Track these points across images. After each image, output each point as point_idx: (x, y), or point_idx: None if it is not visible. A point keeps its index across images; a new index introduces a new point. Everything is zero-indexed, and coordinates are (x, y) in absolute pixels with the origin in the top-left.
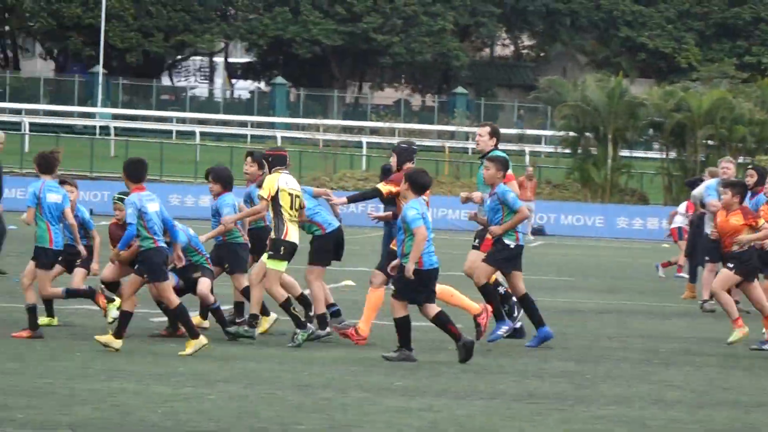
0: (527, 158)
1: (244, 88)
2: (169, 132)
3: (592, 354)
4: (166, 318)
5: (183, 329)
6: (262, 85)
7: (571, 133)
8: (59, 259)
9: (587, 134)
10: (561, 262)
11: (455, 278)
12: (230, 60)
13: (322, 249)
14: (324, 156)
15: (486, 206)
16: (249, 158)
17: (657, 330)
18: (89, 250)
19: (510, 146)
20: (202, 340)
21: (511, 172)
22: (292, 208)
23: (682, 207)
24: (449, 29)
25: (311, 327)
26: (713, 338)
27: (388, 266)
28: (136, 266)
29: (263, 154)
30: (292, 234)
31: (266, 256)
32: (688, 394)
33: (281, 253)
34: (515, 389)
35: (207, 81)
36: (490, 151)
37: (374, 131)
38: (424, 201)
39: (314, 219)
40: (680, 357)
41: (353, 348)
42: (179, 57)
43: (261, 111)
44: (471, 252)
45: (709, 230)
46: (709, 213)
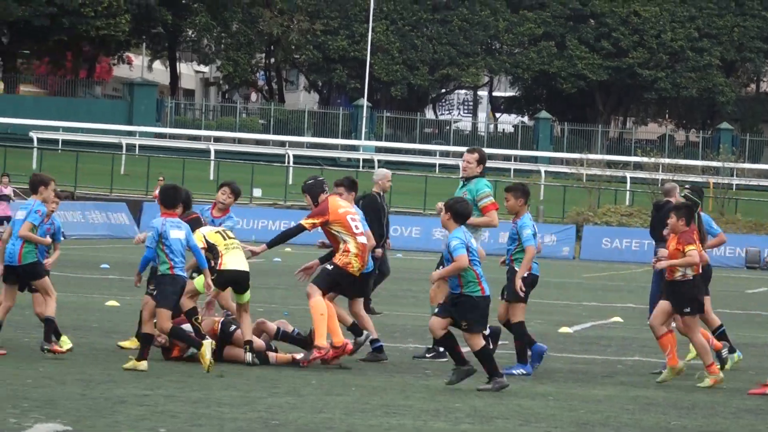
0: None
1: (508, 122)
2: (432, 165)
3: None
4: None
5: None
6: (526, 119)
7: None
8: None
9: None
10: None
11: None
12: (494, 94)
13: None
14: (588, 190)
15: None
16: (227, 188)
17: None
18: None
19: None
20: (207, 345)
21: (494, 201)
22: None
23: None
24: (715, 64)
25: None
26: None
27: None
28: (150, 287)
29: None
30: (227, 263)
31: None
32: None
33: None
34: None
35: (470, 114)
36: (474, 177)
37: (638, 166)
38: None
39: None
40: None
41: (627, 385)
42: (443, 90)
43: (524, 145)
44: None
45: None
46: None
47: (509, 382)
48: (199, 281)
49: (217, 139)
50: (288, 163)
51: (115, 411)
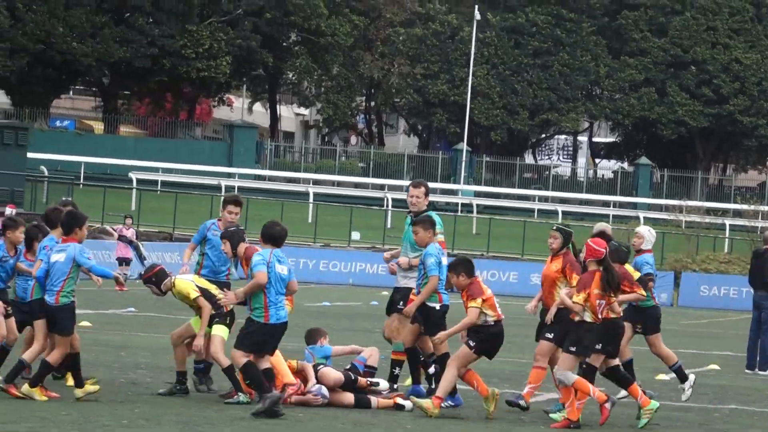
0: None
1: (608, 168)
2: (531, 210)
3: None
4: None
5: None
6: (626, 165)
7: None
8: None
9: None
10: None
11: None
12: (594, 139)
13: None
14: (687, 237)
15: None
16: (232, 206)
17: None
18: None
19: None
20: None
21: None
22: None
23: None
24: None
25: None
26: None
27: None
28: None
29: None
30: None
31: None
32: None
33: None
34: None
35: (570, 160)
36: (423, 211)
37: (738, 213)
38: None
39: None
40: None
41: None
42: (543, 135)
43: (624, 191)
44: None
45: None
46: None
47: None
48: (220, 329)
49: (316, 182)
50: (387, 207)
51: None
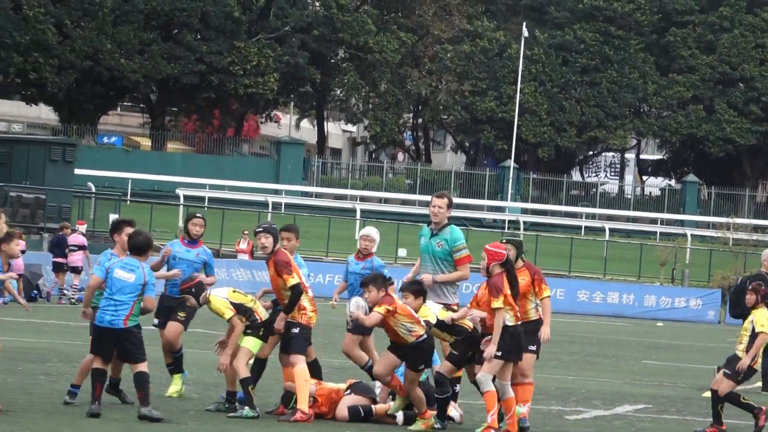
0: None
1: (655, 185)
2: (578, 228)
3: None
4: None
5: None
6: (673, 182)
7: None
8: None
9: None
10: None
11: None
12: (642, 156)
13: None
14: (734, 255)
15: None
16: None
17: None
18: None
19: None
20: None
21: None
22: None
23: None
24: None
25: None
26: None
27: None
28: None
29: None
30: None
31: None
32: None
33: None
34: None
35: (617, 177)
36: (446, 225)
37: None
38: None
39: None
40: None
41: None
42: (591, 152)
43: (671, 208)
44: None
45: None
46: None
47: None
48: (250, 341)
49: (363, 199)
50: None
51: None
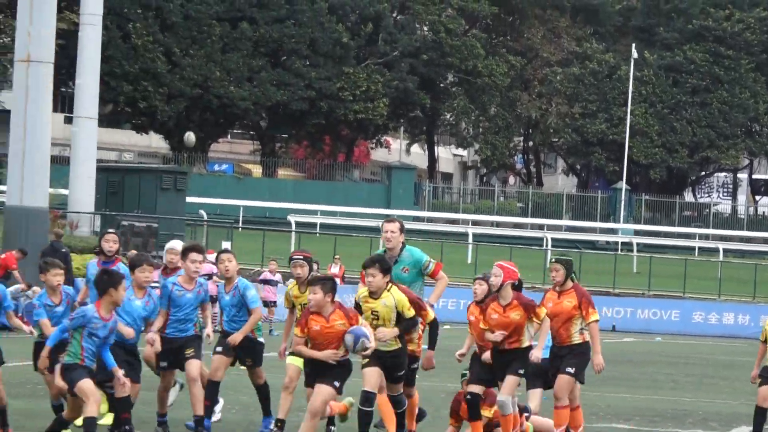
0: None
1: None
2: (692, 249)
3: None
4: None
5: None
6: None
7: None
8: None
9: None
10: None
11: None
12: (754, 176)
13: None
14: None
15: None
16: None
17: None
18: None
19: None
20: None
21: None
22: None
23: None
24: None
25: None
26: None
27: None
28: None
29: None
30: None
31: None
32: None
33: None
34: None
35: (730, 197)
36: (401, 248)
37: None
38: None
39: None
40: None
41: None
42: (703, 173)
43: None
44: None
45: None
46: None
47: None
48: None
49: (475, 223)
50: (546, 247)
51: None
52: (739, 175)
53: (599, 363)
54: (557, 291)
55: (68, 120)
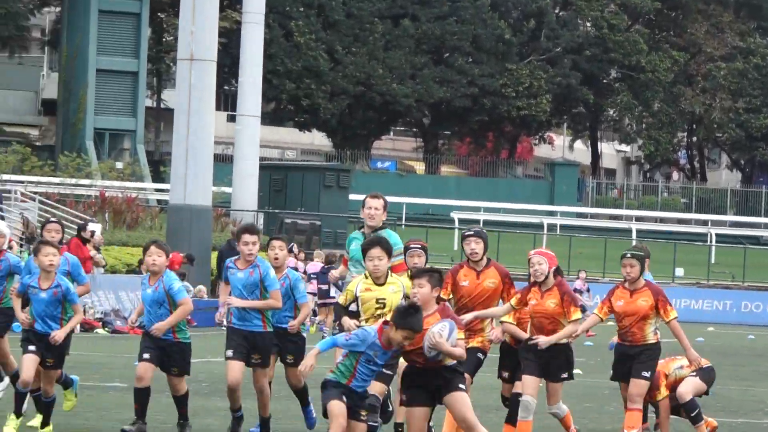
0: None
1: None
2: None
3: None
4: None
5: None
6: None
7: None
8: None
9: None
10: None
11: None
12: None
13: None
14: None
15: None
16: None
17: None
18: None
19: None
20: None
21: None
22: None
23: None
24: None
25: None
26: None
27: None
28: None
29: None
30: None
31: None
32: None
33: None
34: None
35: None
36: (382, 228)
37: None
38: None
39: None
40: None
41: None
42: None
43: None
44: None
45: None
46: None
47: None
48: None
49: (639, 219)
50: (710, 242)
51: None
52: None
53: (695, 358)
54: (629, 289)
55: (231, 118)
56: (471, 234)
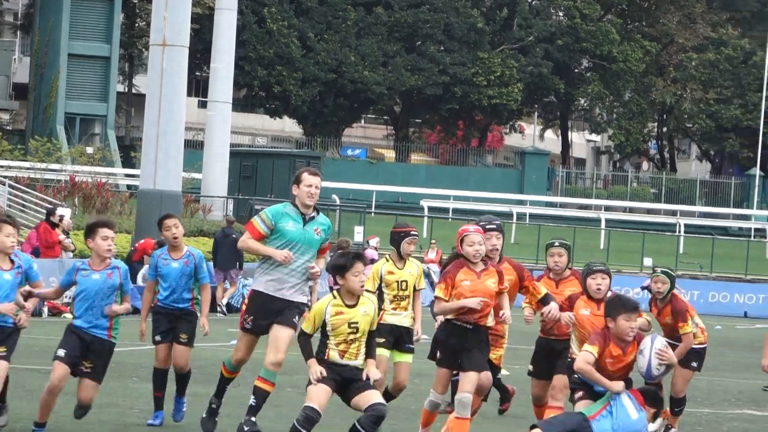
0: None
1: None
2: None
3: None
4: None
5: None
6: None
7: None
8: None
9: None
10: None
11: None
12: None
13: None
14: None
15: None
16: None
17: None
18: None
19: None
20: None
21: None
22: None
23: None
24: None
25: None
26: None
27: None
28: None
29: None
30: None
31: None
32: None
33: None
34: None
35: None
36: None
37: None
38: None
39: None
40: None
41: None
42: None
43: None
44: None
45: None
46: None
47: None
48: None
49: (608, 208)
50: (679, 233)
51: None
52: None
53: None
54: (554, 279)
55: (202, 104)
56: (493, 228)
